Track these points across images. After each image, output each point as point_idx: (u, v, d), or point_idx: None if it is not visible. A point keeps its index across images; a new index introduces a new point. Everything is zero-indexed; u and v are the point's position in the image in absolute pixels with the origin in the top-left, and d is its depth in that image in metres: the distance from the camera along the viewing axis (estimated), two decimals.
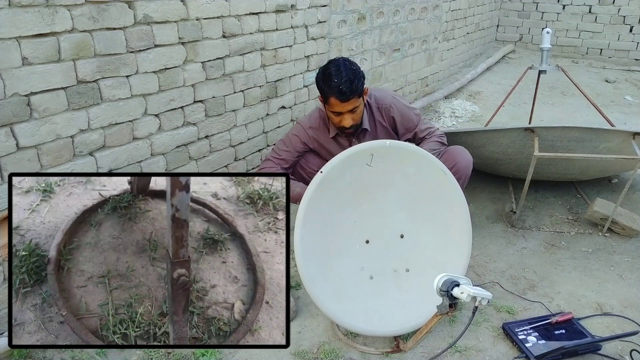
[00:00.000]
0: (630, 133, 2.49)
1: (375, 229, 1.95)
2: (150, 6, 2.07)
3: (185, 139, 2.41)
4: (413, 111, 2.35)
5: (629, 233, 2.64)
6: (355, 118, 2.15)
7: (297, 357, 1.82)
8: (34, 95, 1.75)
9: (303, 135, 2.32)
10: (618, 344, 1.88)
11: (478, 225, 2.74)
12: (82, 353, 1.78)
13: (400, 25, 4.18)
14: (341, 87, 2.02)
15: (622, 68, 6.23)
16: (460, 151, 2.27)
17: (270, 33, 2.76)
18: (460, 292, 1.48)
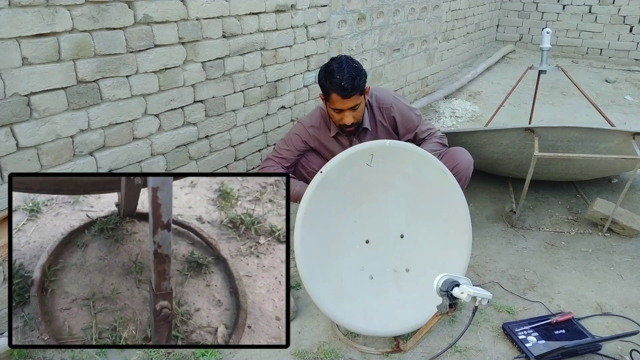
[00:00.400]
0: (630, 133, 2.49)
1: (375, 229, 1.95)
2: (150, 6, 2.07)
3: (185, 139, 2.41)
4: (414, 112, 2.35)
5: (629, 233, 2.64)
6: (357, 116, 2.16)
7: (297, 357, 1.82)
8: (34, 95, 1.75)
9: (304, 134, 2.32)
10: (618, 344, 1.88)
11: (478, 225, 2.74)
12: (82, 353, 1.78)
13: (400, 25, 4.18)
14: (343, 84, 2.02)
15: (622, 68, 6.23)
16: (461, 152, 2.27)
17: (270, 33, 2.76)
18: (460, 292, 1.48)
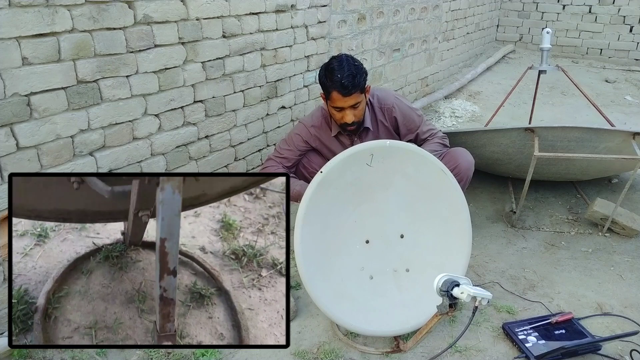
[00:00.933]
0: (630, 133, 2.49)
1: (375, 229, 1.95)
2: (150, 6, 2.07)
3: (185, 139, 2.41)
4: (415, 112, 2.35)
5: (629, 233, 2.64)
6: (357, 114, 2.16)
7: (297, 357, 1.82)
8: (34, 95, 1.75)
9: (305, 133, 2.32)
10: (618, 344, 1.88)
11: (478, 225, 2.74)
12: (82, 353, 1.78)
13: (400, 25, 4.18)
14: (343, 81, 2.03)
15: (622, 68, 6.24)
16: (462, 153, 2.27)
17: (270, 33, 2.76)
18: (460, 292, 1.48)
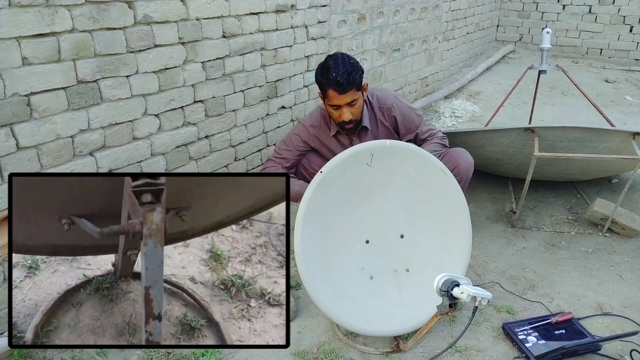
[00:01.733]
0: (630, 133, 2.48)
1: (375, 229, 1.95)
2: (150, 6, 2.07)
3: (185, 139, 2.41)
4: (415, 112, 2.35)
5: (629, 233, 2.64)
6: (355, 112, 2.16)
7: (297, 357, 1.82)
8: (34, 95, 1.75)
9: (304, 134, 2.32)
10: (618, 344, 1.88)
11: (478, 225, 2.74)
12: (82, 353, 1.78)
13: (400, 25, 4.18)
14: (338, 79, 2.04)
15: (622, 68, 6.24)
16: (462, 153, 2.27)
17: (270, 33, 2.76)
18: (460, 292, 1.48)
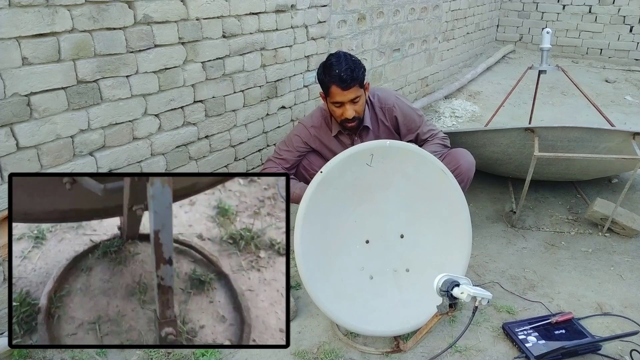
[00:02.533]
0: (630, 133, 2.49)
1: (375, 229, 1.95)
2: (150, 6, 2.07)
3: (185, 139, 2.41)
4: (416, 112, 2.35)
5: (629, 233, 2.64)
6: (358, 110, 2.15)
7: (297, 357, 1.82)
8: (34, 95, 1.75)
9: (305, 134, 2.32)
10: (618, 344, 1.88)
11: (478, 225, 2.74)
12: (82, 353, 1.78)
13: (400, 25, 4.18)
14: (342, 74, 2.04)
15: (622, 68, 6.24)
16: (463, 154, 2.27)
17: (270, 33, 2.76)
18: (460, 292, 1.48)
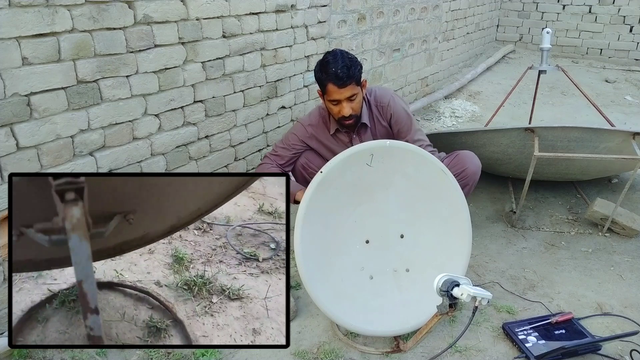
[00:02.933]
0: (630, 133, 2.49)
1: (375, 228, 1.95)
2: (150, 6, 2.07)
3: (185, 139, 2.41)
4: (409, 117, 2.31)
5: (629, 233, 2.64)
6: (355, 107, 2.15)
7: (297, 357, 1.82)
8: (34, 95, 1.75)
9: (302, 132, 2.32)
10: (618, 344, 1.88)
11: (478, 225, 2.74)
12: (82, 353, 1.78)
13: (400, 25, 4.18)
14: (338, 72, 2.04)
15: (622, 68, 6.23)
16: (470, 157, 2.26)
17: (270, 33, 2.76)
18: (460, 292, 1.48)
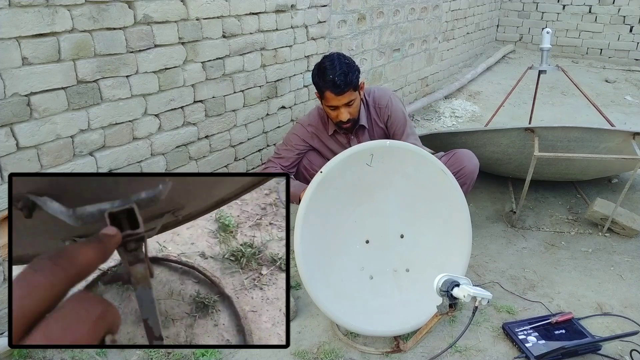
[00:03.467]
0: (630, 133, 2.49)
1: (375, 229, 1.95)
2: (150, 6, 2.07)
3: (185, 139, 2.41)
4: (406, 119, 2.31)
5: (629, 233, 2.64)
6: (352, 112, 2.16)
7: (297, 357, 1.82)
8: (34, 95, 1.75)
9: (303, 133, 2.32)
10: (618, 344, 1.88)
11: (478, 225, 2.74)
12: (82, 353, 1.78)
13: (400, 25, 4.18)
14: (336, 80, 2.04)
15: (622, 68, 6.23)
16: (468, 155, 2.27)
17: (270, 33, 2.76)
18: (460, 292, 1.48)
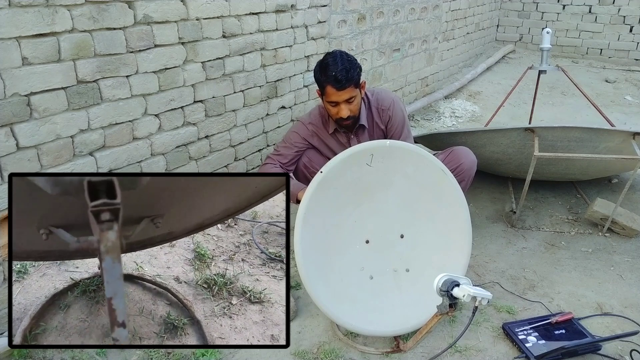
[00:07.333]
0: (630, 133, 2.49)
1: (375, 229, 1.95)
2: (150, 6, 2.07)
3: (185, 139, 2.41)
4: (404, 125, 2.32)
5: (629, 233, 2.64)
6: (353, 109, 2.16)
7: (297, 357, 1.82)
8: (34, 95, 1.75)
9: (303, 131, 2.33)
10: (618, 344, 1.88)
11: (478, 225, 2.74)
12: (82, 353, 1.78)
13: (400, 25, 4.18)
14: (337, 75, 2.05)
15: (622, 68, 6.23)
16: (466, 152, 2.27)
17: (270, 33, 2.76)
18: (460, 292, 1.48)
